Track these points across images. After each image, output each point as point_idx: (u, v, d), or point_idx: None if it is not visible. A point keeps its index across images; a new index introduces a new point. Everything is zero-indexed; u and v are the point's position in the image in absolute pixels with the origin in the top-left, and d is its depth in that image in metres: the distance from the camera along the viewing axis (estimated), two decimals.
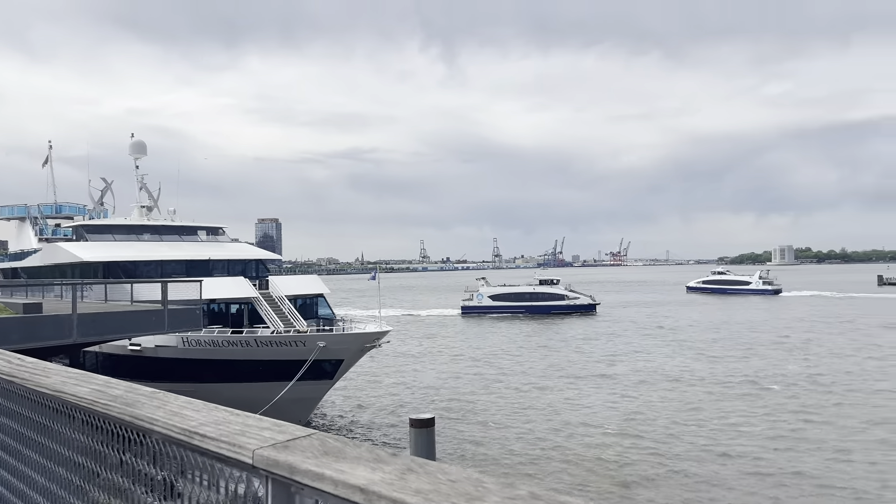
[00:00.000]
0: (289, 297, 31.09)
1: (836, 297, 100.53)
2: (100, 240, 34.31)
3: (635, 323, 67.15)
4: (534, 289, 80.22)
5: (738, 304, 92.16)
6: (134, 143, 38.20)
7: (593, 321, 70.78)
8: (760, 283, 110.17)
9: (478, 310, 79.52)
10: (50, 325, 16.55)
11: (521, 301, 79.07)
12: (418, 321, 74.64)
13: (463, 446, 23.69)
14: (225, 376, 27.09)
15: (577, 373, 38.70)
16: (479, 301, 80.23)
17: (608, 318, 72.83)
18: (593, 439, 24.37)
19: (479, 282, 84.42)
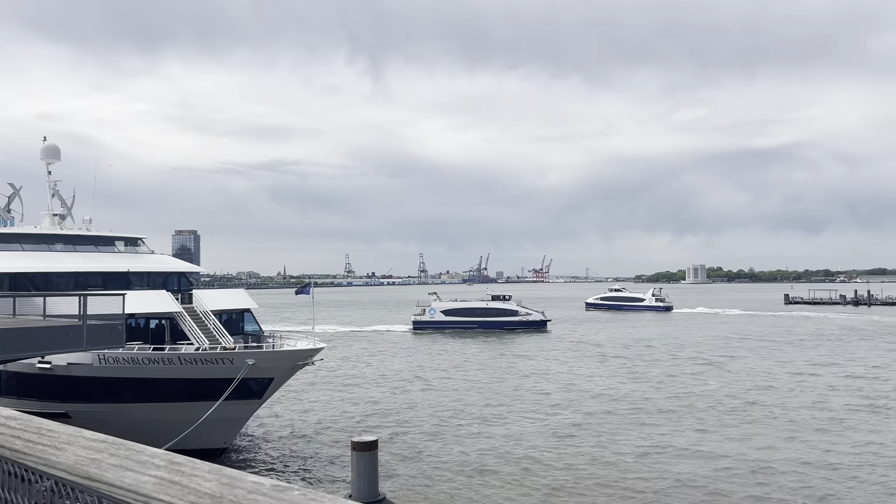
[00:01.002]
0: (214, 311, 29.71)
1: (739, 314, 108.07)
2: (6, 249, 31.85)
3: (583, 342, 66.76)
4: (486, 304, 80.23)
5: (641, 320, 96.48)
6: (46, 147, 35.88)
7: (545, 338, 70.86)
8: (653, 301, 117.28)
9: (430, 325, 78.87)
10: None
11: (473, 316, 78.86)
12: (362, 337, 73.18)
13: (407, 470, 22.98)
14: (145, 396, 25.55)
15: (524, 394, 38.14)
16: (432, 316, 79.73)
17: (559, 335, 72.91)
18: (537, 464, 24.04)
19: (430, 296, 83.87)
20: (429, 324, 79.23)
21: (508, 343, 65.52)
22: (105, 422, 26.14)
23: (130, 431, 26.13)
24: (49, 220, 35.16)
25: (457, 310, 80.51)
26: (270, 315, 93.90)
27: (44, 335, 16.58)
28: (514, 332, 76.05)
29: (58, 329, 16.90)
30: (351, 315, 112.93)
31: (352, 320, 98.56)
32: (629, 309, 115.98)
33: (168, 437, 25.16)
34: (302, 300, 45.85)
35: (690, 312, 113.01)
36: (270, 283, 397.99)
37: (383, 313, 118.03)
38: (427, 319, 79.86)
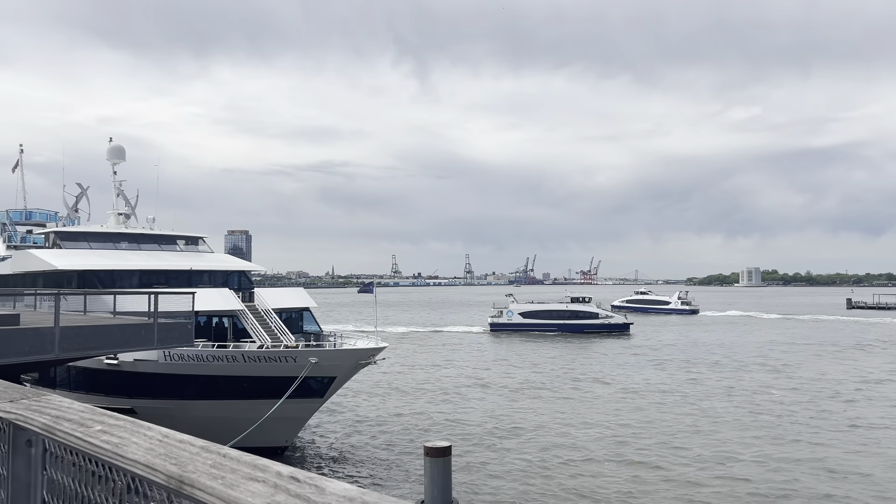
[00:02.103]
0: (275, 310, 29.82)
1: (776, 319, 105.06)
2: (75, 247, 32.66)
3: (673, 346, 63.52)
4: (566, 306, 78.44)
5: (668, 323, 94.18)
6: (112, 148, 36.63)
7: (626, 341, 68.54)
8: (679, 304, 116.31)
9: (507, 327, 77.49)
10: (29, 340, 15.18)
11: (552, 319, 77.18)
12: (436, 338, 72.22)
13: (478, 477, 22.39)
14: (208, 393, 25.68)
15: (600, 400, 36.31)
16: (510, 318, 78.36)
17: (641, 339, 70.17)
18: (621, 476, 23.08)
19: (507, 298, 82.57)
20: (506, 326, 77.79)
21: (589, 346, 63.44)
22: (169, 418, 26.44)
23: (193, 428, 26.34)
24: (114, 219, 35.86)
25: (535, 312, 78.90)
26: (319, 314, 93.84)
27: (117, 333, 16.63)
28: (594, 335, 73.78)
29: (130, 327, 16.94)
30: (415, 316, 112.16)
31: (419, 321, 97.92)
32: (655, 312, 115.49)
33: (230, 434, 25.22)
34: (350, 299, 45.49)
35: (719, 316, 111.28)
36: (319, 282, 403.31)
37: (445, 314, 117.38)
38: (504, 321, 78.38)
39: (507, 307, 79.85)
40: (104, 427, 2.07)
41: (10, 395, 2.78)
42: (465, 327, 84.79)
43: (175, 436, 1.92)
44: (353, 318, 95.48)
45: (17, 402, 2.58)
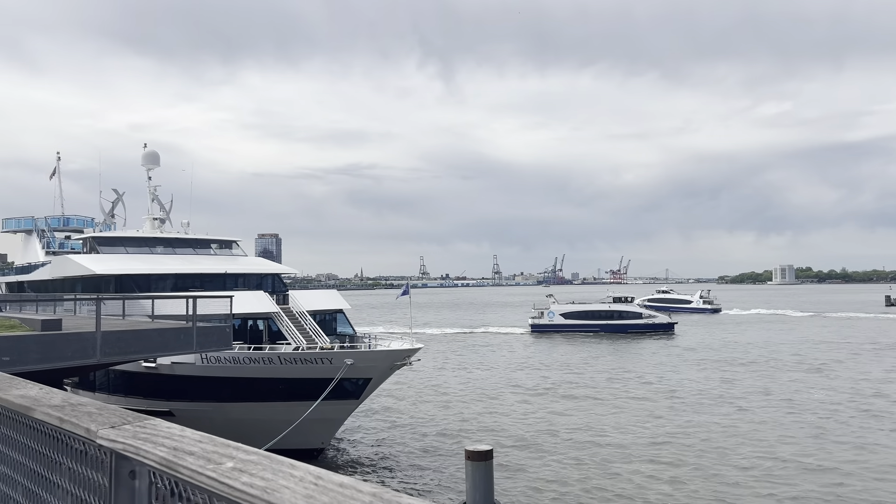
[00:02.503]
0: (309, 312, 29.89)
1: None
2: (112, 252, 33.10)
3: (717, 346, 61.44)
4: (609, 306, 77.39)
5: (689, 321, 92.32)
6: (147, 154, 37.10)
7: (671, 341, 67.13)
8: (700, 303, 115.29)
9: (549, 328, 76.38)
10: (72, 344, 15.30)
11: (595, 319, 76.10)
12: (474, 339, 71.65)
13: (520, 480, 22.01)
14: (245, 395, 25.80)
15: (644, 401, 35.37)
16: (551, 319, 77.24)
17: (686, 339, 68.63)
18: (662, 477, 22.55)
19: (547, 298, 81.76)
20: (548, 327, 76.63)
21: (632, 347, 62.25)
22: (206, 420, 26.60)
23: (231, 430, 26.46)
24: (150, 224, 36.30)
25: (577, 312, 77.79)
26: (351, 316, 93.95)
27: (156, 337, 16.72)
28: (638, 335, 72.56)
29: (169, 331, 17.02)
30: (449, 317, 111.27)
31: (454, 322, 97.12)
32: (676, 311, 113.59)
33: (267, 436, 25.30)
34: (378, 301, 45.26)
35: (743, 315, 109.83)
36: (348, 284, 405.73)
37: (480, 315, 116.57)
38: (546, 322, 77.27)
39: (549, 308, 78.74)
40: (236, 464, 1.75)
41: (107, 418, 2.52)
42: (505, 328, 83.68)
43: (331, 478, 1.59)
44: (383, 320, 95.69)
45: (121, 429, 2.36)
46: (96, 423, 2.41)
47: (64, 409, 2.56)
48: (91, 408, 2.65)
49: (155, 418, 2.59)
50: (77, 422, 2.44)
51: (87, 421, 2.43)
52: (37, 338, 15.11)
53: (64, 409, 2.55)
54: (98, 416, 2.55)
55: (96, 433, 2.33)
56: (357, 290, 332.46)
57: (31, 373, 15.43)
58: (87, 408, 2.60)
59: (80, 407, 2.62)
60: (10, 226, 45.74)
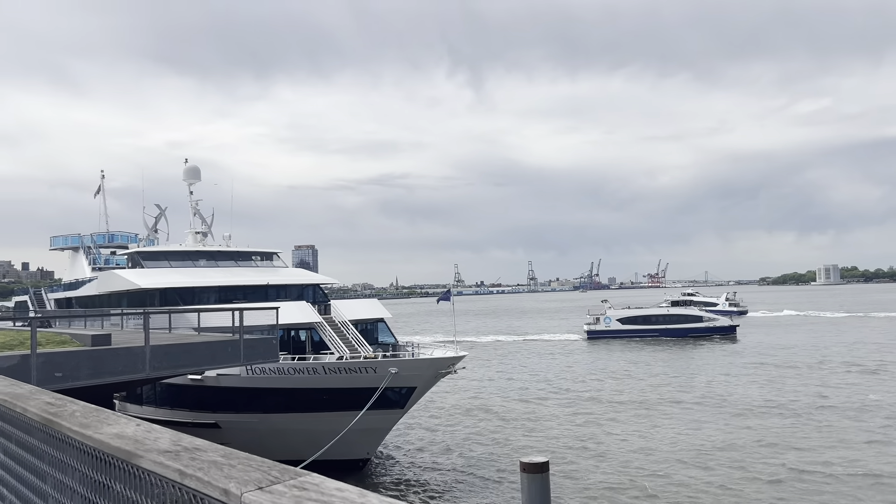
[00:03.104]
0: (350, 321, 29.81)
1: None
2: (156, 266, 33.52)
3: (783, 348, 59.40)
4: (667, 310, 75.94)
5: None
6: (188, 169, 37.60)
7: (734, 345, 65.06)
8: (726, 305, 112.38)
9: (605, 334, 74.41)
10: (122, 359, 15.37)
11: (653, 324, 74.21)
12: (528, 346, 70.02)
13: (577, 493, 21.37)
14: (290, 406, 25.75)
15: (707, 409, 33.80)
16: (607, 324, 75.25)
17: (750, 342, 66.60)
18: (716, 487, 21.64)
19: (603, 304, 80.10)
20: (604, 333, 74.53)
21: (693, 352, 60.32)
22: (253, 432, 26.66)
23: (277, 442, 26.49)
24: (192, 238, 36.71)
25: (635, 317, 75.94)
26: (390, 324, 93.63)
27: (204, 350, 16.71)
28: (699, 339, 70.52)
29: (216, 344, 17.00)
30: (492, 324, 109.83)
31: (499, 329, 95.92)
32: None
33: (313, 447, 25.19)
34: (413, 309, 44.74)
35: (771, 317, 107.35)
36: (384, 293, 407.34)
37: (525, 321, 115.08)
38: (602, 328, 75.30)
39: (605, 313, 76.81)
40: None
41: (247, 473, 1.87)
42: (559, 335, 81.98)
43: None
44: (422, 329, 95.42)
45: (272, 491, 1.77)
46: (236, 483, 1.79)
47: (180, 456, 1.90)
48: (215, 454, 1.95)
49: (311, 473, 2.05)
50: (207, 478, 1.78)
51: (221, 478, 1.81)
52: (88, 353, 15.20)
53: (181, 458, 1.90)
54: (231, 469, 1.89)
55: (239, 498, 1.72)
56: (393, 298, 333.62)
57: (82, 388, 15.54)
58: (209, 455, 1.91)
59: (200, 454, 1.93)
60: (57, 243, 46.79)
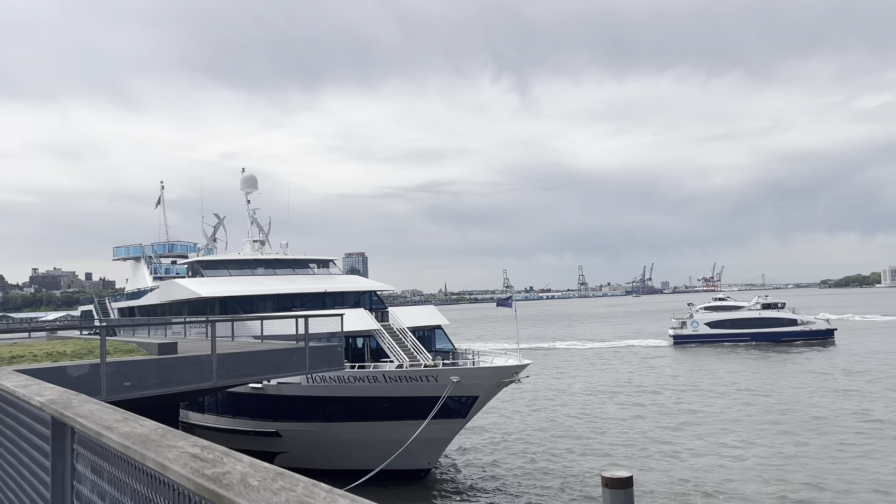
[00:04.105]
0: (408, 328, 29.48)
1: None
2: (215, 275, 33.86)
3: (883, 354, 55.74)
4: (759, 313, 72.74)
5: None
6: (245, 178, 37.97)
7: (831, 350, 61.87)
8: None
9: (693, 339, 72.17)
10: (189, 368, 15.21)
11: (744, 328, 71.44)
12: (612, 353, 67.70)
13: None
14: (350, 415, 25.49)
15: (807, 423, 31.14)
16: (695, 329, 72.93)
17: (849, 347, 63.30)
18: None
19: (690, 307, 78.04)
20: (692, 338, 72.10)
21: (790, 358, 57.26)
22: (313, 441, 26.50)
23: (339, 451, 26.27)
24: (250, 247, 37.02)
25: (724, 321, 73.04)
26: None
27: (269, 359, 16.47)
28: (792, 343, 67.72)
29: (282, 352, 16.76)
30: (555, 331, 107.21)
31: (567, 335, 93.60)
32: None
33: (373, 456, 24.87)
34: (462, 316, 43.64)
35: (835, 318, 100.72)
36: (433, 300, 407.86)
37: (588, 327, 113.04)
38: (689, 333, 72.92)
39: (692, 317, 74.43)
40: None
41: None
42: (640, 340, 79.57)
43: None
44: (472, 334, 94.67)
45: None
46: None
47: None
48: None
49: None
50: None
51: None
52: (156, 362, 15.09)
53: None
54: None
55: None
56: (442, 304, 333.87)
57: (149, 398, 15.46)
58: None
59: None
60: (120, 254, 47.97)
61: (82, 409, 2.21)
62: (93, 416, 2.05)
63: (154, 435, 1.69)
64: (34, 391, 2.75)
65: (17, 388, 3.04)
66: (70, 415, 2.13)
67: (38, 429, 2.77)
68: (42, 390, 2.76)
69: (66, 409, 2.23)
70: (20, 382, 3.23)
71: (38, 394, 2.64)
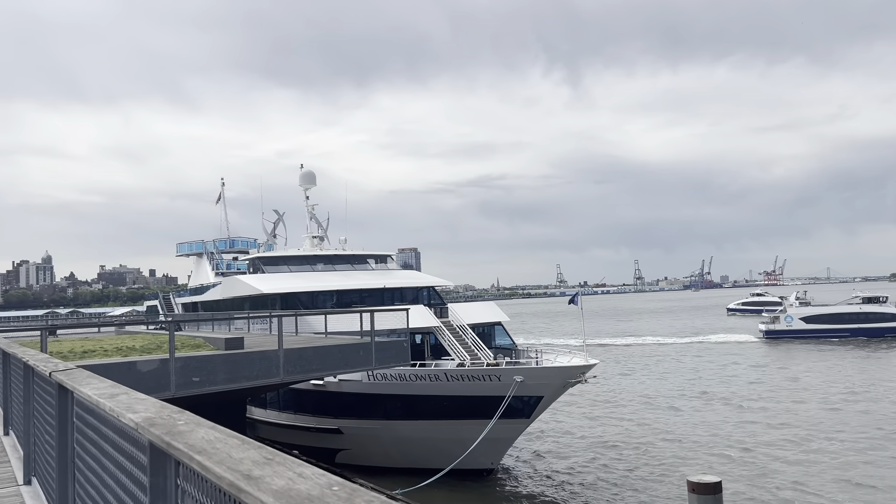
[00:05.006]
0: (468, 325, 28.98)
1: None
2: (276, 271, 34.06)
3: None
4: (859, 308, 69.70)
5: None
6: (304, 174, 38.10)
7: None
8: (796, 304, 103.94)
9: (787, 334, 69.19)
10: (257, 363, 15.10)
11: (842, 323, 68.53)
12: (696, 349, 64.77)
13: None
14: (411, 413, 25.16)
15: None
16: (789, 324, 70.03)
17: None
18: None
19: (783, 300, 75.33)
20: (785, 333, 69.09)
21: (892, 355, 54.03)
22: (374, 438, 26.29)
23: (400, 450, 25.98)
24: (309, 243, 37.14)
25: (821, 316, 70.23)
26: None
27: (336, 354, 16.25)
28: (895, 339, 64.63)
29: (349, 347, 16.52)
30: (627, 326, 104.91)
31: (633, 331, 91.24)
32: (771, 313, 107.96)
33: (435, 455, 24.49)
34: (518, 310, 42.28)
35: None
36: (486, 295, 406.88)
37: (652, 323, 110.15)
38: (783, 328, 70.11)
39: (785, 312, 71.77)
40: None
41: None
42: (725, 335, 76.49)
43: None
44: (525, 329, 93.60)
45: None
46: None
47: None
48: None
49: None
50: None
51: None
52: (224, 357, 15.02)
53: None
54: None
55: None
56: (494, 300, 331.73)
57: (217, 393, 15.40)
58: None
59: None
60: (183, 250, 48.98)
61: (195, 437, 1.65)
62: (215, 453, 1.42)
63: (332, 499, 1.11)
64: (124, 404, 2.23)
65: (101, 397, 2.55)
66: (181, 447, 1.60)
67: (129, 449, 2.28)
68: (134, 403, 2.23)
69: (173, 436, 1.66)
70: (103, 390, 2.74)
71: (130, 408, 2.12)
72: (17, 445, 7.49)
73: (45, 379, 4.27)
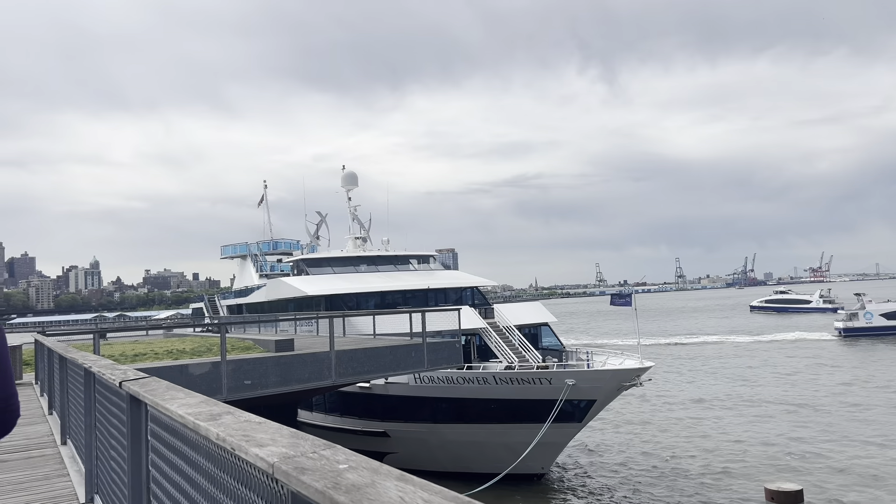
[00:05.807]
0: (515, 326, 28.45)
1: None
2: (320, 273, 34.00)
3: None
4: None
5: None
6: (346, 175, 38.04)
7: None
8: (821, 302, 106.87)
9: (866, 331, 66.81)
10: (308, 366, 14.83)
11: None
12: (768, 348, 62.25)
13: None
14: (458, 416, 24.71)
15: None
16: (868, 321, 67.61)
17: None
18: None
19: (860, 297, 72.53)
20: (864, 330, 66.61)
21: None
22: (422, 442, 25.91)
23: (448, 454, 25.55)
24: (352, 244, 37.04)
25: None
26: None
27: (388, 356, 15.91)
28: None
29: (401, 348, 16.17)
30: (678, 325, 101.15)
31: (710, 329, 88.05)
32: (794, 311, 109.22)
33: (484, 460, 24.03)
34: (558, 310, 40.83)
35: None
36: (524, 295, 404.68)
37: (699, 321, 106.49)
38: (862, 325, 67.30)
39: (864, 308, 69.10)
40: None
41: None
42: (797, 333, 73.77)
43: None
44: (568, 329, 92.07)
45: None
46: None
47: None
48: None
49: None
50: None
51: None
52: (275, 360, 14.80)
53: None
54: None
55: None
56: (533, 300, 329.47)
57: (269, 396, 15.17)
58: None
59: None
60: (227, 252, 49.42)
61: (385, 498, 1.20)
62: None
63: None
64: (237, 431, 1.65)
65: (199, 419, 2.01)
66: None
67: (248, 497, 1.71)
68: (251, 430, 1.63)
69: (349, 493, 1.25)
70: (196, 408, 2.23)
71: (250, 439, 1.56)
72: (77, 457, 7.25)
73: (113, 389, 3.93)
